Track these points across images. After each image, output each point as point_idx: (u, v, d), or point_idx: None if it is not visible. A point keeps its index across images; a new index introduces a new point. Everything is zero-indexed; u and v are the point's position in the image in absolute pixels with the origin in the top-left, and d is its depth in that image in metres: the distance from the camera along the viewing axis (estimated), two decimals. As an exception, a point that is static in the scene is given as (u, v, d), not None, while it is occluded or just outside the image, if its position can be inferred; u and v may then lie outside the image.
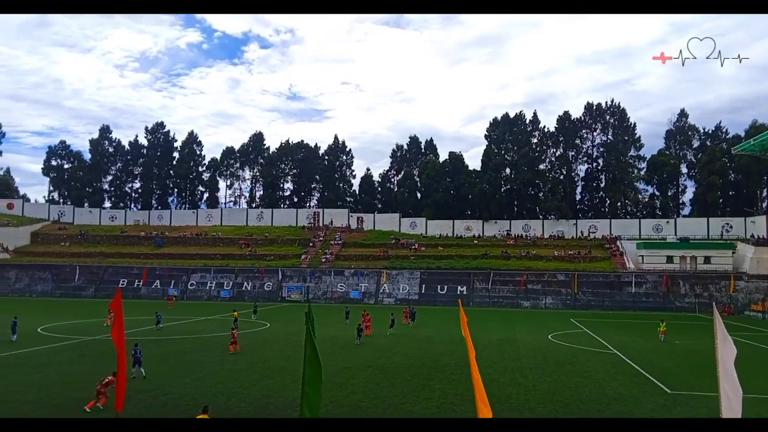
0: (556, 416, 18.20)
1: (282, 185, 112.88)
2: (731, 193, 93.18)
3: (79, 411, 17.72)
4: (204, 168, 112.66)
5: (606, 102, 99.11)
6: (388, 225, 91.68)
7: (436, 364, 27.13)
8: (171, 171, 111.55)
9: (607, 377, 25.02)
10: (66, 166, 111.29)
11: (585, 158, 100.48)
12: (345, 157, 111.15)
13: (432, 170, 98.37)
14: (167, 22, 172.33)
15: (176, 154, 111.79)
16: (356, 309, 49.99)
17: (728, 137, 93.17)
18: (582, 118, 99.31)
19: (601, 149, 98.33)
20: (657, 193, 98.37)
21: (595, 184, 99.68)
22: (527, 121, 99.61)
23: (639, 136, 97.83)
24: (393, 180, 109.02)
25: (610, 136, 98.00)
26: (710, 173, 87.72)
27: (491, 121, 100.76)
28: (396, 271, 72.95)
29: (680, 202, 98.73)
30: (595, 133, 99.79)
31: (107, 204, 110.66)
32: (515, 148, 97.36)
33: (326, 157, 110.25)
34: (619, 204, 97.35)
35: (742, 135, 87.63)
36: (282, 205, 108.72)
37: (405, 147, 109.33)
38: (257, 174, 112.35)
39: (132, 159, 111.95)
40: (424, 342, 35.32)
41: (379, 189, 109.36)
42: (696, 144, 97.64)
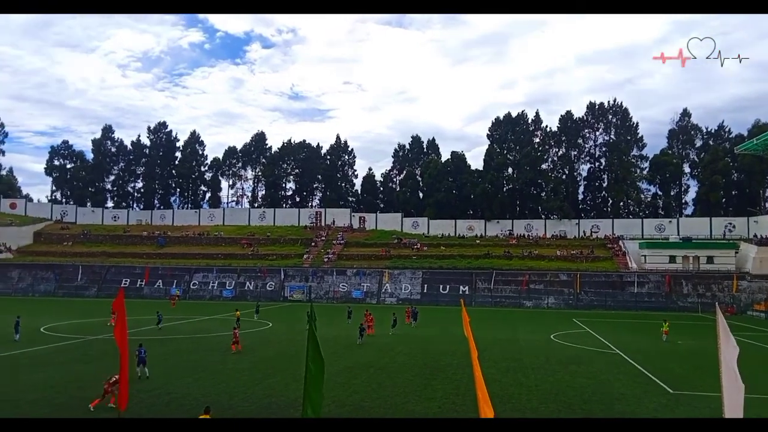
0: (559, 416, 18.18)
1: (284, 185, 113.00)
2: (734, 193, 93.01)
3: (82, 410, 17.75)
4: (206, 168, 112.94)
5: (608, 101, 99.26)
6: (390, 225, 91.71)
7: (438, 364, 27.10)
8: (173, 171, 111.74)
9: (610, 377, 24.98)
10: (69, 166, 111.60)
11: (587, 158, 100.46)
12: (347, 157, 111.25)
13: (434, 170, 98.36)
14: (169, 22, 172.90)
15: (179, 154, 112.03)
16: (358, 309, 49.99)
17: (731, 137, 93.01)
18: (584, 118, 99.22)
19: (604, 149, 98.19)
20: (659, 193, 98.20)
21: (598, 184, 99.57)
22: (529, 121, 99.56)
23: (641, 136, 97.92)
24: (395, 180, 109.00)
25: (613, 136, 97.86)
26: (713, 173, 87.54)
27: (493, 121, 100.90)
28: (398, 271, 72.97)
29: (683, 202, 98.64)
30: (598, 133, 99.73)
31: (110, 204, 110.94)
32: (517, 148, 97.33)
33: (328, 157, 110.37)
34: (622, 204, 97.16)
35: (745, 134, 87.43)
36: (284, 205, 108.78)
37: (407, 147, 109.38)
38: (259, 174, 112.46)
39: (134, 159, 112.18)
40: (427, 342, 35.30)
41: (381, 189, 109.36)
42: (699, 143, 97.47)
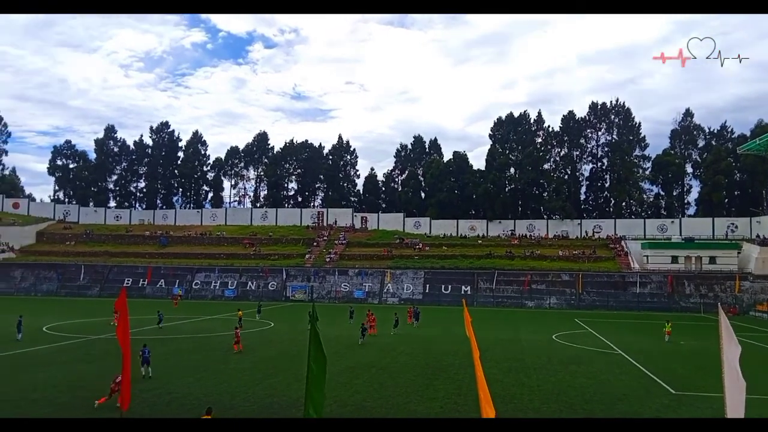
0: (561, 416, 18.15)
1: (286, 185, 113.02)
2: (736, 193, 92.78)
3: (84, 410, 17.79)
4: (208, 168, 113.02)
5: (611, 102, 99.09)
6: (392, 225, 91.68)
7: (440, 364, 27.10)
8: (176, 171, 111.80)
9: (612, 378, 24.94)
10: (71, 166, 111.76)
11: (589, 158, 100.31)
12: (349, 157, 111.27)
13: (436, 170, 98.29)
14: (172, 22, 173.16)
15: (181, 154, 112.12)
16: (360, 309, 50.00)
17: (734, 137, 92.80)
18: (586, 118, 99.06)
19: (606, 149, 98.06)
20: (662, 193, 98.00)
21: (600, 184, 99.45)
22: (532, 121, 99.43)
23: (644, 136, 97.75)
24: (397, 180, 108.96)
25: (615, 136, 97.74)
26: (715, 173, 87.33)
27: (495, 121, 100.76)
28: (400, 271, 72.94)
29: (685, 202, 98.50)
30: (600, 133, 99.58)
31: (112, 203, 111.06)
32: (519, 148, 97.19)
33: (330, 157, 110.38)
34: (624, 204, 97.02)
35: (748, 135, 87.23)
36: (286, 205, 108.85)
37: (409, 146, 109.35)
38: (262, 174, 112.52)
39: (137, 159, 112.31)
40: (428, 342, 35.29)
41: (383, 189, 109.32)
42: (701, 144, 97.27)
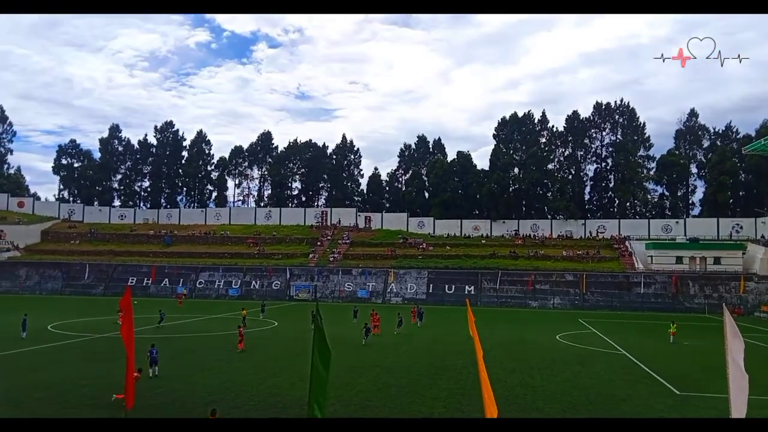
0: (564, 416, 18.13)
1: (290, 184, 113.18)
2: (741, 194, 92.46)
3: (89, 409, 17.88)
4: (213, 167, 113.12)
5: (615, 101, 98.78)
6: (396, 224, 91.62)
7: (444, 364, 27.08)
8: (180, 170, 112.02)
9: (616, 378, 24.89)
10: (76, 165, 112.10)
11: (594, 158, 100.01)
12: (353, 157, 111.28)
13: (440, 170, 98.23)
14: (176, 22, 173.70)
15: (185, 153, 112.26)
16: (364, 308, 50.02)
17: (739, 137, 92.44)
18: (591, 118, 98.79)
19: (610, 149, 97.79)
20: (666, 193, 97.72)
21: (604, 184, 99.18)
22: (536, 121, 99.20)
23: (648, 136, 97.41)
24: (401, 179, 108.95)
25: (619, 136, 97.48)
26: (720, 173, 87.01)
27: (499, 121, 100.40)
28: (404, 271, 72.93)
29: (690, 203, 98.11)
30: (604, 133, 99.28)
31: (117, 202, 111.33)
32: (524, 148, 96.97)
33: (334, 157, 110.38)
34: (628, 204, 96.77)
35: (753, 135, 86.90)
36: (290, 204, 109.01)
37: (413, 146, 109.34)
38: (265, 173, 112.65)
39: (141, 158, 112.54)
40: (432, 342, 35.30)
41: (387, 188, 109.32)
42: (706, 144, 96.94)
